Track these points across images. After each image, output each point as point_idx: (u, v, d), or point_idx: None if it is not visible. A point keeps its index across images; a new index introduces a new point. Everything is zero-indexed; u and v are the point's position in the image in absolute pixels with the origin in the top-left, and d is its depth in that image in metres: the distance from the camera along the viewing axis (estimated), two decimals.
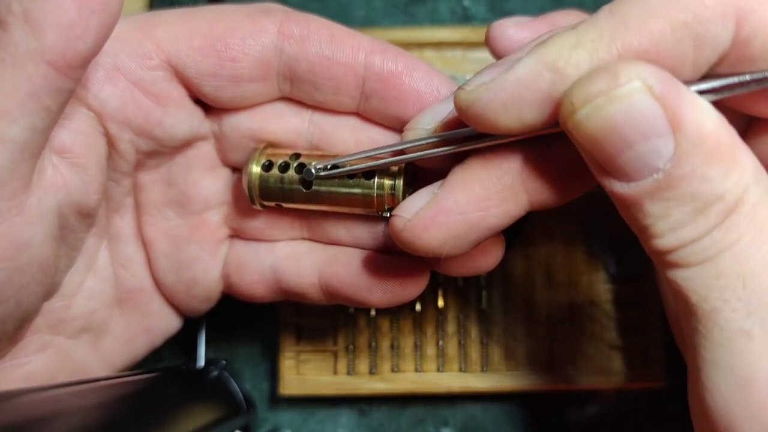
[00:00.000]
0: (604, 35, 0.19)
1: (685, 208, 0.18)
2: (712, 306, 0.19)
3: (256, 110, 0.26)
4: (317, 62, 0.25)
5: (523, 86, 0.19)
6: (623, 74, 0.18)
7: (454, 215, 0.22)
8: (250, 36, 0.25)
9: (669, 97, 0.18)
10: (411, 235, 0.22)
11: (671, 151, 0.18)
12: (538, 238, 0.32)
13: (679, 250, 0.19)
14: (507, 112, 0.20)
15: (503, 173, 0.22)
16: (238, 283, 0.28)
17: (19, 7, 0.20)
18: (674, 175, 0.18)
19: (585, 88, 0.18)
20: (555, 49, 0.19)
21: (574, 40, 0.19)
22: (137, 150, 0.26)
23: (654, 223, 0.19)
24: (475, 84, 0.20)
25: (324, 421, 0.33)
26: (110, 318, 0.28)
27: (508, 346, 0.32)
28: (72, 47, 0.21)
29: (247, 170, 0.25)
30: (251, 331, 0.34)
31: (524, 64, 0.19)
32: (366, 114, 0.26)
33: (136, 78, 0.24)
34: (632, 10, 0.19)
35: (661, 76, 0.18)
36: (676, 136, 0.18)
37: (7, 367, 0.25)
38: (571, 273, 0.32)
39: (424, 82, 0.25)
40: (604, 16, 0.19)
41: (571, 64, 0.19)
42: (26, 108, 0.21)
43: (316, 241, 0.28)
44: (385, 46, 0.25)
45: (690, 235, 0.19)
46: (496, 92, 0.20)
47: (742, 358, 0.18)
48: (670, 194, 0.18)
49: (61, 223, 0.24)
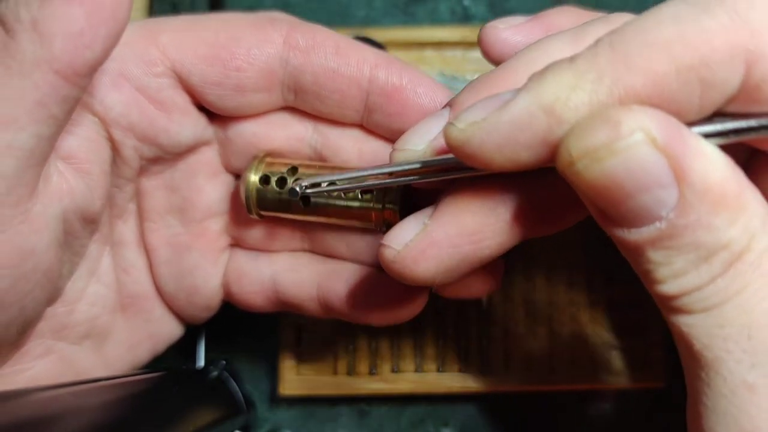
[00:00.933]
0: (604, 76, 0.18)
1: (688, 256, 0.18)
2: (715, 355, 0.18)
3: (260, 117, 0.26)
4: (322, 74, 0.25)
5: (517, 128, 0.18)
6: (625, 125, 0.17)
7: (444, 248, 0.21)
8: (256, 46, 0.25)
9: (673, 147, 0.17)
10: (401, 267, 0.21)
11: (675, 201, 0.17)
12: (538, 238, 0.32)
13: (682, 297, 0.18)
14: (500, 153, 0.19)
15: (495, 205, 0.21)
16: (238, 293, 0.28)
17: (27, 15, 0.20)
18: (678, 224, 0.17)
19: (584, 140, 0.17)
20: (552, 90, 0.18)
21: (572, 80, 0.18)
22: (141, 156, 0.26)
23: (656, 269, 0.18)
24: (466, 121, 0.19)
25: (324, 421, 0.33)
26: (113, 324, 0.28)
27: (508, 346, 0.32)
28: (80, 56, 0.21)
29: (245, 180, 0.25)
30: (251, 331, 0.34)
31: (519, 105, 0.18)
32: (369, 127, 0.26)
33: (141, 84, 0.24)
34: (635, 47, 0.18)
35: (665, 125, 0.17)
36: (680, 186, 0.17)
37: (10, 373, 0.25)
38: (571, 273, 0.32)
39: (428, 98, 0.25)
40: (604, 51, 0.18)
41: (569, 108, 0.18)
42: (33, 116, 0.21)
43: (316, 254, 0.28)
44: (389, 60, 0.25)
45: (693, 283, 0.18)
46: (489, 132, 0.19)
47: (745, 411, 0.18)
48: (673, 243, 0.18)
49: (65, 230, 0.24)
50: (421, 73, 0.25)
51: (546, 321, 0.32)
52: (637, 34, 0.18)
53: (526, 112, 0.18)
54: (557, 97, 0.18)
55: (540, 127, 0.18)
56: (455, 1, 0.35)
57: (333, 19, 0.35)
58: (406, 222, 0.22)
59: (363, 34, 0.34)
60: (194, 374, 0.31)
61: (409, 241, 0.21)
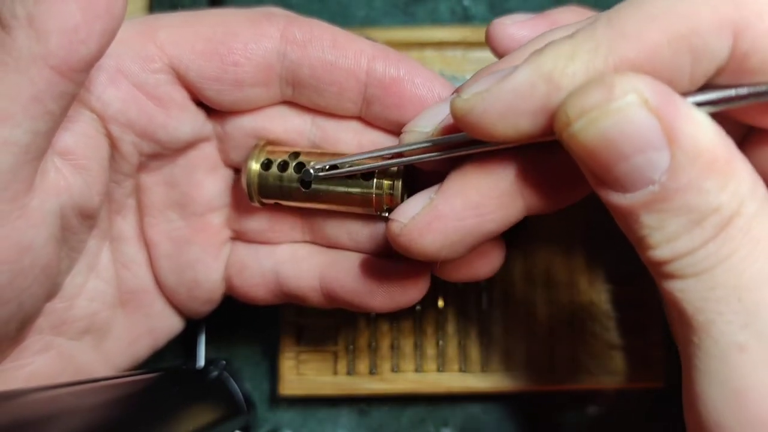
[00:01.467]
0: (600, 46, 0.19)
1: (680, 220, 0.18)
2: (706, 318, 0.19)
3: (259, 112, 0.26)
4: (319, 67, 0.25)
5: (518, 97, 0.19)
6: (618, 87, 0.18)
7: (450, 221, 0.22)
8: (253, 40, 0.25)
9: (665, 109, 0.18)
10: (407, 239, 0.22)
11: (667, 164, 0.18)
12: (538, 238, 0.32)
13: (674, 262, 0.19)
14: (503, 121, 0.20)
15: (499, 179, 0.22)
16: (240, 285, 0.28)
17: (23, 11, 0.20)
18: (670, 187, 0.18)
19: (580, 101, 0.18)
20: (551, 60, 0.19)
21: (570, 50, 0.19)
22: (139, 152, 0.26)
23: (650, 234, 0.19)
24: (470, 92, 0.20)
25: (324, 421, 0.33)
26: (112, 319, 0.28)
27: (508, 346, 0.32)
28: (75, 51, 0.21)
29: (246, 167, 0.25)
30: (251, 331, 0.34)
31: (520, 75, 0.19)
32: (368, 119, 0.26)
33: (138, 81, 0.25)
34: (630, 21, 0.19)
35: (657, 89, 0.18)
36: (671, 149, 0.18)
37: (9, 368, 0.25)
38: (571, 273, 0.32)
39: (425, 89, 0.25)
40: (602, 24, 0.19)
41: (567, 75, 0.19)
42: (29, 112, 0.21)
43: (317, 244, 0.28)
44: (387, 51, 0.25)
45: (685, 247, 0.18)
46: (492, 102, 0.19)
47: (735, 370, 0.18)
48: (666, 206, 0.18)
49: (63, 225, 0.24)
50: (418, 65, 0.25)
51: (546, 321, 0.32)
52: (632, 8, 0.19)
53: (526, 81, 0.19)
54: (555, 65, 0.19)
55: (540, 94, 0.19)
56: (455, 1, 0.35)
57: (333, 20, 0.35)
58: (413, 198, 0.23)
59: (363, 35, 0.33)
60: (194, 374, 0.31)
61: (416, 215, 0.22)
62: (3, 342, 0.24)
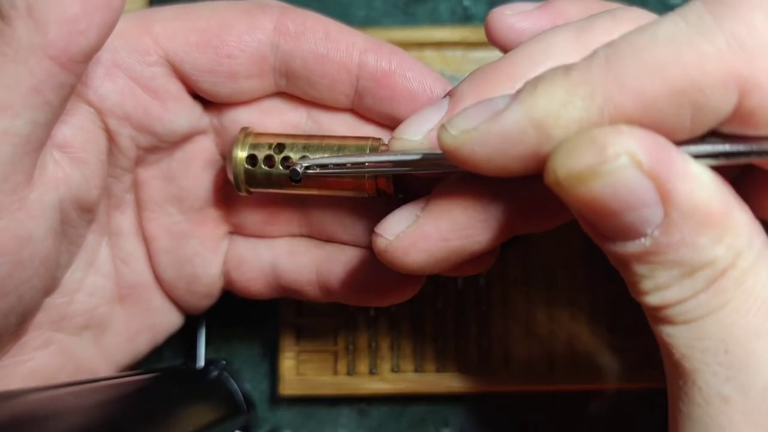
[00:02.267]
0: (596, 93, 0.18)
1: (672, 272, 0.18)
2: (693, 366, 0.18)
3: (254, 104, 0.26)
4: (311, 59, 0.25)
5: (506, 141, 0.18)
6: (611, 148, 0.17)
7: (435, 241, 0.21)
8: (247, 32, 0.25)
9: (659, 169, 0.17)
10: (392, 257, 0.22)
11: (660, 219, 0.17)
12: (537, 237, 0.32)
13: (664, 309, 0.19)
14: (490, 162, 0.19)
15: (487, 201, 0.21)
16: (238, 279, 0.28)
17: (23, 2, 0.20)
18: (662, 242, 0.18)
19: (570, 162, 0.17)
20: (543, 104, 0.18)
21: (564, 96, 0.18)
22: (137, 145, 0.26)
23: (641, 281, 0.18)
24: (458, 128, 0.19)
25: (324, 422, 0.33)
26: (112, 314, 0.28)
27: (508, 346, 0.32)
28: (75, 42, 0.21)
29: (231, 157, 0.25)
30: (251, 331, 0.34)
31: (509, 117, 0.18)
32: (360, 111, 0.26)
33: (135, 74, 0.25)
34: (629, 69, 0.17)
35: (652, 147, 0.17)
36: (665, 207, 0.17)
37: (9, 364, 0.25)
38: (571, 273, 0.32)
39: (417, 82, 0.25)
40: (599, 65, 0.18)
41: (559, 126, 0.18)
42: (28, 102, 0.21)
43: (314, 238, 0.28)
44: (379, 44, 0.25)
45: (676, 296, 0.18)
46: (479, 143, 0.19)
47: (717, 421, 0.18)
48: (657, 259, 0.18)
49: (62, 218, 0.24)
50: (410, 58, 0.25)
51: (546, 321, 0.32)
52: (632, 52, 0.18)
53: (516, 126, 0.18)
54: (548, 112, 0.18)
55: (529, 141, 0.18)
56: (455, 1, 0.35)
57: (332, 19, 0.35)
58: (398, 212, 0.22)
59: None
60: (194, 374, 0.31)
61: (401, 233, 0.22)
62: (3, 336, 0.24)
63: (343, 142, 0.24)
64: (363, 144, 0.24)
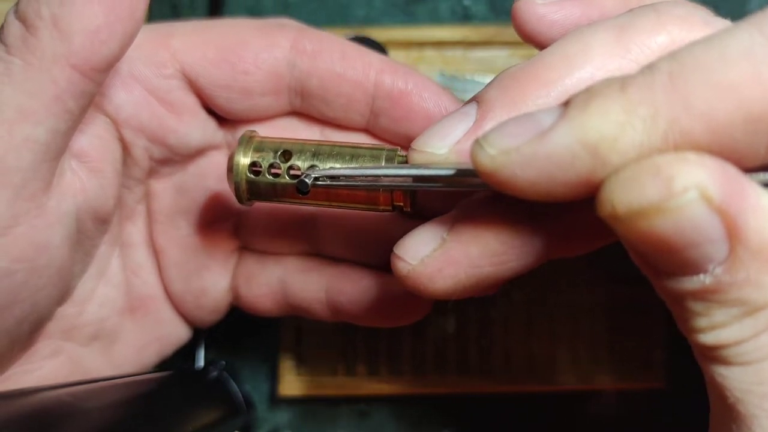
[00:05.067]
0: (659, 116, 0.15)
1: (731, 311, 0.16)
2: (748, 411, 0.17)
3: (268, 122, 0.27)
4: (328, 78, 0.25)
5: (554, 166, 0.16)
6: (678, 181, 0.15)
7: (463, 268, 0.19)
8: (264, 50, 0.25)
9: (729, 204, 0.15)
10: (415, 283, 0.20)
11: (724, 256, 0.15)
12: None
13: (720, 349, 0.17)
14: (534, 188, 0.17)
15: (521, 226, 0.19)
16: (246, 296, 0.28)
17: (48, 11, 0.21)
18: (724, 281, 0.16)
19: (631, 195, 0.15)
20: (597, 125, 0.16)
21: (622, 116, 0.15)
22: (150, 157, 0.26)
23: (695, 319, 0.17)
24: (497, 147, 0.17)
25: (324, 422, 0.33)
26: (121, 326, 0.28)
27: (508, 347, 0.32)
28: (97, 52, 0.21)
29: (233, 165, 0.23)
30: (251, 332, 0.34)
31: (559, 140, 0.16)
32: (375, 131, 0.26)
33: (151, 86, 0.25)
34: (698, 89, 0.15)
35: (723, 180, 0.15)
36: (731, 243, 0.15)
37: (18, 372, 0.25)
38: (572, 273, 0.32)
39: (432, 102, 0.25)
40: (662, 83, 0.15)
41: (616, 151, 0.16)
42: (50, 110, 0.21)
43: (324, 257, 0.28)
44: (395, 65, 0.26)
45: (734, 336, 0.16)
46: (522, 167, 0.16)
47: None
48: (717, 297, 0.16)
49: (78, 228, 0.24)
50: (426, 78, 0.26)
51: (546, 321, 0.32)
52: (700, 69, 0.15)
53: (566, 150, 0.16)
54: (603, 135, 0.16)
55: (581, 167, 0.16)
56: (455, 1, 0.35)
57: (333, 19, 0.35)
58: (421, 232, 0.20)
59: (363, 34, 0.33)
60: (194, 375, 0.31)
61: (425, 257, 0.20)
62: (15, 344, 0.24)
63: (357, 150, 0.22)
64: (378, 153, 0.22)
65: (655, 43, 0.19)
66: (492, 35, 0.33)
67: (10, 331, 0.23)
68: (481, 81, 0.33)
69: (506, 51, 0.33)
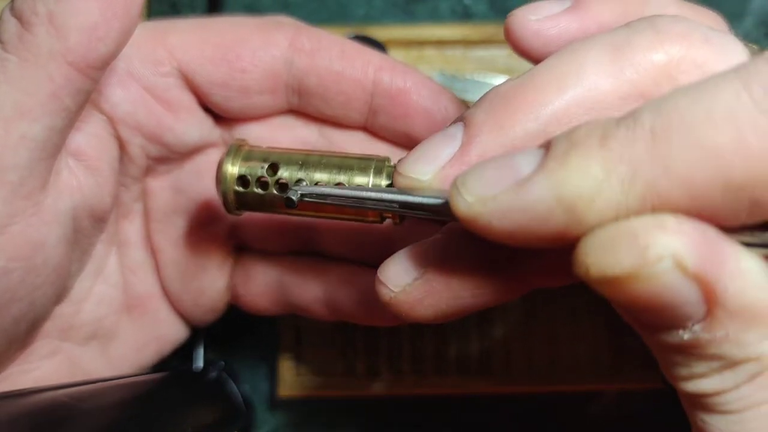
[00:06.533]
0: (637, 176, 0.15)
1: (711, 364, 0.16)
2: None
3: (266, 120, 0.27)
4: (327, 76, 0.25)
5: (530, 219, 0.16)
6: (653, 250, 0.14)
7: (444, 299, 0.20)
8: (261, 48, 0.25)
9: (706, 271, 0.15)
10: (397, 310, 0.20)
11: (701, 315, 0.15)
12: None
13: (701, 398, 0.17)
14: (510, 237, 0.17)
15: (505, 257, 0.19)
16: (244, 295, 0.28)
17: (44, 8, 0.21)
18: (702, 338, 0.16)
19: (605, 260, 0.15)
20: (575, 182, 0.15)
21: (600, 173, 0.15)
22: (147, 155, 0.26)
23: (676, 368, 0.17)
24: (475, 194, 0.17)
25: (323, 423, 0.33)
26: (119, 325, 0.28)
27: (509, 347, 0.32)
28: (93, 48, 0.21)
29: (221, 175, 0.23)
30: (250, 333, 0.34)
31: (535, 193, 0.16)
32: (373, 129, 0.26)
33: (148, 84, 0.25)
34: (678, 147, 0.15)
35: (700, 247, 0.15)
36: (709, 305, 0.15)
37: (16, 372, 0.25)
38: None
39: (431, 100, 0.25)
40: (643, 138, 0.15)
41: (593, 210, 0.15)
42: (47, 108, 0.21)
43: (322, 256, 0.28)
44: (394, 63, 0.26)
45: (714, 387, 0.16)
46: (498, 216, 0.16)
47: None
48: (696, 351, 0.16)
49: (75, 226, 0.24)
50: (424, 77, 0.26)
51: (546, 321, 0.32)
52: (683, 128, 0.15)
53: (542, 205, 0.16)
54: (580, 194, 0.15)
55: (558, 223, 0.16)
56: (455, 0, 0.35)
57: (333, 18, 0.35)
58: (402, 258, 0.20)
59: (363, 33, 0.33)
60: (193, 376, 0.31)
61: (407, 285, 0.20)
62: (12, 344, 0.24)
63: (345, 161, 0.22)
64: (367, 164, 0.22)
65: (651, 63, 0.18)
66: (492, 34, 0.33)
67: (7, 330, 0.23)
68: (481, 80, 0.33)
69: (506, 50, 0.33)
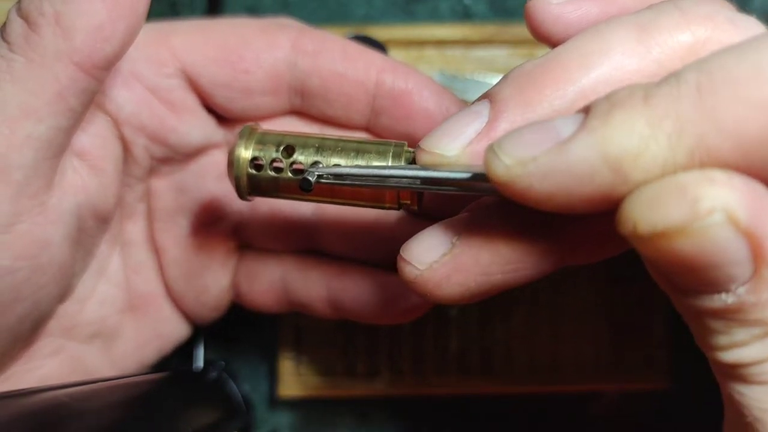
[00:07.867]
0: (685, 132, 0.15)
1: (753, 330, 0.16)
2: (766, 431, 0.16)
3: (268, 122, 0.27)
4: (329, 78, 0.25)
5: (573, 179, 0.15)
6: (704, 202, 0.14)
7: (473, 275, 0.19)
8: (264, 49, 0.25)
9: (757, 227, 0.14)
10: (422, 288, 0.19)
11: (747, 276, 0.15)
12: None
13: (739, 368, 0.16)
14: (550, 200, 0.16)
15: (535, 233, 0.18)
16: (247, 293, 0.28)
17: (50, 8, 0.21)
18: (747, 301, 0.15)
19: (653, 215, 0.14)
20: (620, 139, 0.15)
21: (645, 129, 0.15)
22: (151, 155, 0.26)
23: (715, 337, 0.16)
24: (513, 157, 0.16)
25: (323, 423, 0.33)
26: (122, 324, 0.28)
27: (509, 347, 0.32)
28: (99, 49, 0.21)
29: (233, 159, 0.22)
30: (250, 332, 0.33)
31: (578, 152, 0.15)
32: (375, 130, 0.26)
33: (151, 84, 0.25)
34: (727, 102, 0.14)
35: (751, 202, 0.14)
36: (756, 264, 0.15)
37: (20, 371, 0.25)
38: (573, 273, 0.32)
39: (433, 102, 0.25)
40: (689, 95, 0.15)
41: (640, 168, 0.15)
42: (52, 107, 0.21)
43: (325, 254, 0.28)
44: (396, 64, 0.26)
45: (754, 356, 0.16)
46: (540, 179, 0.16)
47: None
48: (738, 317, 0.16)
49: (79, 226, 0.24)
50: (426, 78, 0.26)
51: (548, 321, 0.32)
52: (730, 83, 0.15)
53: (586, 163, 0.15)
54: (626, 151, 0.15)
55: (602, 183, 0.15)
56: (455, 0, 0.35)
57: (332, 18, 0.35)
58: (428, 235, 0.19)
59: (363, 33, 0.33)
60: (193, 376, 0.31)
61: (434, 262, 0.19)
62: (17, 343, 0.24)
63: (362, 146, 0.21)
64: (385, 149, 0.21)
65: (678, 43, 0.18)
66: (492, 34, 0.33)
67: (12, 328, 0.23)
68: (481, 80, 0.33)
69: (506, 50, 0.33)
